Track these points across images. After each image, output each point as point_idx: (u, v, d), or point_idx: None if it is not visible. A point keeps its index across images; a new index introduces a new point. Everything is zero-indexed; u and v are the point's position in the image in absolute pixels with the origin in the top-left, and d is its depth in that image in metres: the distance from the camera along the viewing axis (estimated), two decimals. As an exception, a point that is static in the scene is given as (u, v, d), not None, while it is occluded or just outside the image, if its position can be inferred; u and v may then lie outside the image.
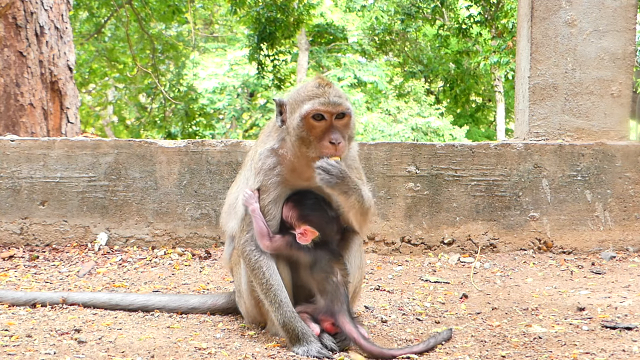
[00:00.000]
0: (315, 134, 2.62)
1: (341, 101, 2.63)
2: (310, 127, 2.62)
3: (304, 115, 2.61)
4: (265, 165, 2.76)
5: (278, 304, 2.65)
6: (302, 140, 2.64)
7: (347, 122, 2.67)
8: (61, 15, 7.55)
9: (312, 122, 2.61)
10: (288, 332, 2.62)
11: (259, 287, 2.71)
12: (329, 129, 2.62)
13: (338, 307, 2.65)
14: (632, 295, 3.58)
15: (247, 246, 2.73)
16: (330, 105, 2.60)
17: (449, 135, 22.43)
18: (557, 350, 2.63)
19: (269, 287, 2.67)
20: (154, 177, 4.57)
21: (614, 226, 4.68)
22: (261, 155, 2.79)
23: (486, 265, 4.35)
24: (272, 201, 2.74)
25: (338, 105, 2.61)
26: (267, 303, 2.69)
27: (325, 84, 2.66)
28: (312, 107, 2.60)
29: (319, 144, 2.61)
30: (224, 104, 23.95)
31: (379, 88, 23.36)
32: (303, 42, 23.18)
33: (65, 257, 4.33)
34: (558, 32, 4.88)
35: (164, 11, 17.39)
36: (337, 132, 2.62)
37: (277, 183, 2.75)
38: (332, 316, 2.65)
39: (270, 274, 2.68)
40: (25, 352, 2.52)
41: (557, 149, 4.68)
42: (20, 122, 6.99)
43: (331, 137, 2.60)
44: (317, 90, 2.64)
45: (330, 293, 2.66)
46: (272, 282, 2.67)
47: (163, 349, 2.61)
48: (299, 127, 2.63)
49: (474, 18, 18.65)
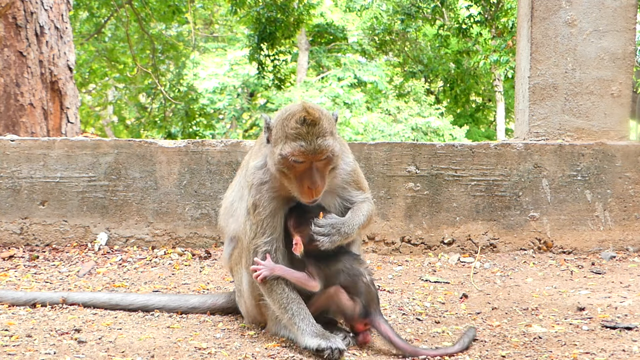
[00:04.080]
0: (295, 173, 2.60)
1: (324, 146, 2.56)
2: (290, 167, 2.60)
3: (284, 156, 2.57)
4: (256, 180, 2.75)
5: (303, 315, 2.64)
6: (282, 173, 2.63)
7: (329, 161, 2.63)
8: (61, 15, 7.55)
9: (292, 163, 2.58)
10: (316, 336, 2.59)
11: (277, 306, 2.69)
12: (309, 170, 2.59)
13: (373, 308, 2.66)
14: (632, 295, 3.58)
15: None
16: (311, 154, 2.55)
17: (449, 135, 22.42)
18: (557, 350, 2.63)
19: (289, 302, 2.66)
20: (154, 177, 4.57)
21: (614, 226, 4.68)
22: (252, 170, 2.79)
23: (486, 265, 4.35)
24: (269, 215, 2.72)
25: (319, 153, 2.56)
26: (287, 318, 2.66)
27: (310, 122, 2.55)
28: (292, 152, 2.55)
29: (298, 185, 2.60)
30: (224, 104, 23.94)
31: (379, 88, 23.36)
32: (303, 42, 23.18)
33: (65, 257, 4.33)
34: (558, 32, 4.88)
35: (164, 11, 17.39)
36: (317, 174, 2.58)
37: (271, 198, 2.73)
38: (367, 317, 2.66)
39: (280, 287, 2.68)
40: (25, 352, 2.52)
41: (557, 149, 4.68)
42: (20, 122, 6.99)
43: (309, 182, 2.58)
44: (300, 130, 2.55)
45: (363, 295, 2.66)
46: (293, 297, 2.67)
47: (163, 348, 2.61)
48: (279, 163, 2.60)
49: (474, 18, 18.66)
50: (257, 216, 2.73)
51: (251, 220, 2.75)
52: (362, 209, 2.79)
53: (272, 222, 2.73)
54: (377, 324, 2.65)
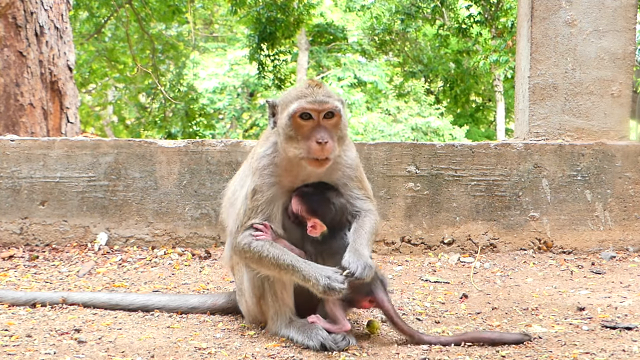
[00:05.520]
0: (302, 133, 2.62)
1: (329, 100, 2.62)
2: (297, 126, 2.63)
3: (291, 114, 2.61)
4: (261, 165, 2.77)
5: (294, 263, 2.59)
6: (290, 139, 2.64)
7: (336, 122, 2.66)
8: (61, 15, 7.55)
9: (300, 121, 2.62)
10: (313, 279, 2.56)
11: (268, 264, 2.63)
12: (316, 128, 2.61)
13: (375, 285, 2.68)
14: (632, 295, 3.58)
15: (244, 240, 2.71)
16: (317, 104, 2.60)
17: (449, 135, 22.43)
18: (557, 350, 2.63)
19: (278, 256, 2.61)
20: (154, 177, 4.57)
21: (614, 226, 4.68)
22: (258, 156, 2.81)
23: (486, 265, 4.35)
24: (267, 201, 2.74)
25: (325, 104, 2.61)
26: (284, 271, 2.61)
27: (315, 85, 2.67)
28: (299, 106, 2.60)
29: (306, 144, 2.61)
30: (224, 103, 23.95)
31: (379, 88, 23.36)
32: (303, 42, 23.17)
33: (65, 257, 4.34)
34: (558, 32, 4.88)
35: (164, 11, 17.39)
36: (324, 131, 2.61)
37: (271, 184, 2.75)
38: (369, 294, 2.68)
39: (271, 248, 2.64)
40: (25, 352, 2.52)
41: (557, 149, 4.68)
42: (20, 122, 6.99)
43: (317, 137, 2.58)
44: (305, 90, 2.65)
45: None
46: (277, 251, 2.63)
47: (163, 348, 2.61)
48: (287, 126, 2.64)
49: (474, 18, 18.66)
50: (254, 202, 2.73)
51: (247, 205, 2.75)
52: (366, 225, 2.76)
53: (267, 208, 2.74)
54: (380, 300, 2.68)
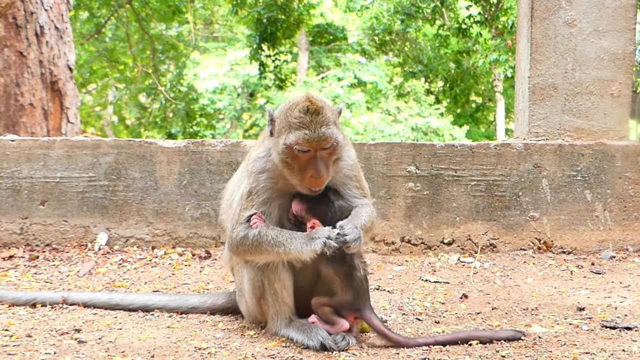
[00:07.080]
0: (299, 163, 2.62)
1: (328, 134, 2.58)
2: (294, 157, 2.62)
3: (288, 145, 2.60)
4: (256, 169, 2.78)
5: (292, 234, 2.59)
6: (286, 164, 2.64)
7: (333, 151, 2.65)
8: (61, 15, 7.56)
9: (296, 153, 2.60)
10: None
11: (267, 246, 2.62)
12: (312, 160, 2.60)
13: (363, 302, 2.68)
14: (632, 295, 3.58)
15: (241, 232, 2.70)
16: (315, 141, 2.57)
17: (449, 135, 22.41)
18: (557, 350, 2.63)
19: (276, 235, 2.61)
20: (154, 177, 4.57)
21: (614, 226, 4.68)
22: (252, 159, 2.82)
23: (486, 265, 4.35)
24: (262, 201, 2.74)
25: (323, 140, 2.58)
26: (284, 246, 2.59)
27: (314, 110, 2.59)
28: (297, 140, 2.57)
29: (301, 174, 2.62)
30: (224, 104, 23.93)
31: (379, 88, 23.35)
32: (303, 42, 23.17)
33: (65, 257, 4.34)
34: (558, 32, 4.88)
35: (164, 11, 17.39)
36: (321, 163, 2.60)
37: (266, 188, 2.76)
38: (356, 311, 2.68)
39: (268, 230, 2.63)
40: (25, 352, 2.53)
41: (557, 149, 4.68)
42: (20, 122, 6.99)
43: (313, 171, 2.59)
44: (304, 119, 2.58)
45: (354, 288, 2.67)
46: (274, 231, 2.63)
47: (163, 348, 2.61)
48: (283, 153, 2.62)
49: (474, 18, 18.64)
50: (250, 202, 2.74)
51: (242, 205, 2.76)
52: (363, 211, 2.77)
53: (262, 207, 2.74)
54: (367, 318, 2.68)
